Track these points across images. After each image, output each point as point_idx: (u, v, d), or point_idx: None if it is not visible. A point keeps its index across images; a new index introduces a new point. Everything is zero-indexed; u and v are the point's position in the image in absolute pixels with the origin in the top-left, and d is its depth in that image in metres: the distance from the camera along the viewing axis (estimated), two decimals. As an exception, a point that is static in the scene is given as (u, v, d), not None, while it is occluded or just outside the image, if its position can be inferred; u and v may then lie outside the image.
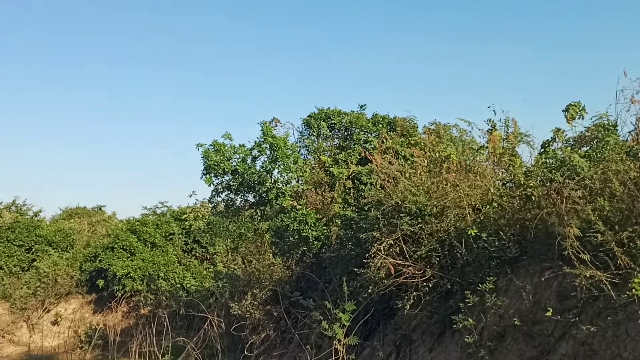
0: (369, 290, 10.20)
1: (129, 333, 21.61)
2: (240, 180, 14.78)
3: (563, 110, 10.33)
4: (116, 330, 20.86)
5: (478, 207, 9.96)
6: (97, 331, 22.15)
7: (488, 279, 8.15)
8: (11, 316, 24.08)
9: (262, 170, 14.79)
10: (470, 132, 13.06)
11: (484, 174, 10.78)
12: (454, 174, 10.49)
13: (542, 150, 10.36)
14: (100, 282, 24.06)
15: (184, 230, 27.40)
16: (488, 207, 9.62)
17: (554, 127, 10.31)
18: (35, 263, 25.43)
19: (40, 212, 29.31)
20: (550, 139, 10.26)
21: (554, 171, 8.70)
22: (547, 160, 9.70)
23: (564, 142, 10.16)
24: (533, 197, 8.89)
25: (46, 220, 29.45)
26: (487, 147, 11.46)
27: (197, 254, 27.32)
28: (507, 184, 10.42)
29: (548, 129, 11.63)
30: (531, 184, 9.06)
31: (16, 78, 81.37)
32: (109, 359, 19.69)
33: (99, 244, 26.18)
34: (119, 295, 23.28)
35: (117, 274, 23.03)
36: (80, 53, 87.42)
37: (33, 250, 25.93)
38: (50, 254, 25.92)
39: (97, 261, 24.48)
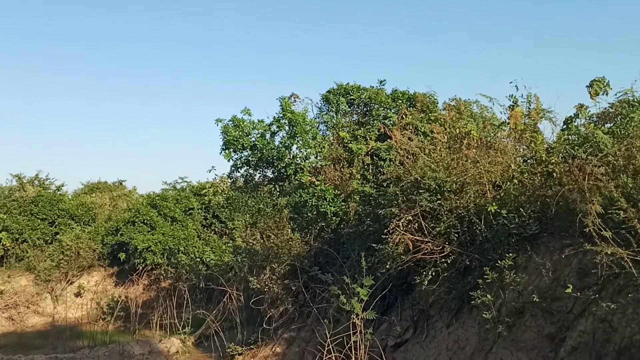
0: (387, 266, 10.23)
1: (150, 305, 22.02)
2: (259, 155, 14.81)
3: (587, 86, 10.13)
4: (137, 303, 21.23)
5: (498, 183, 9.89)
6: (119, 303, 22.56)
7: (507, 255, 8.12)
8: (35, 288, 24.63)
9: (280, 145, 14.80)
10: (491, 108, 12.93)
11: (504, 150, 10.67)
12: (474, 150, 10.40)
13: (565, 126, 10.20)
14: (122, 256, 24.45)
15: (203, 206, 27.65)
16: (508, 183, 9.55)
17: (577, 103, 10.14)
18: (58, 236, 25.89)
19: (63, 186, 29.76)
20: (573, 115, 10.10)
21: (576, 147, 8.59)
22: (570, 136, 9.57)
23: (587, 118, 9.99)
24: (555, 174, 8.80)
25: (68, 195, 29.90)
26: (508, 124, 11.32)
27: (216, 229, 27.59)
28: (528, 161, 10.32)
29: (571, 105, 11.46)
30: (553, 161, 8.96)
31: (41, 56, 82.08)
32: (130, 330, 20.07)
33: (120, 218, 26.54)
34: (140, 268, 23.66)
35: (138, 247, 23.39)
36: (107, 31, 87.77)
37: (56, 223, 26.38)
38: (72, 228, 26.36)
39: (118, 235, 24.86)
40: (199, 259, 24.64)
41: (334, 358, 9.56)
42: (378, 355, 9.32)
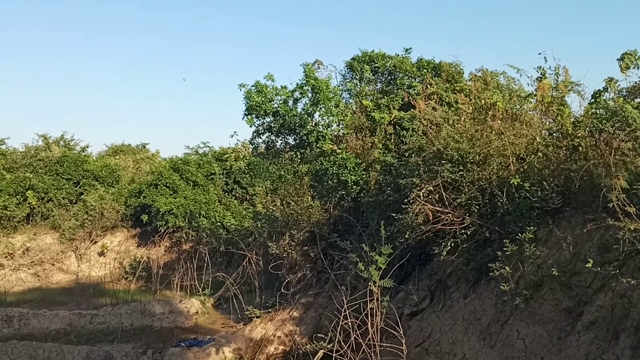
0: (406, 236, 10.26)
1: (171, 267, 22.44)
2: (281, 122, 14.79)
3: (618, 59, 9.87)
4: (159, 264, 21.63)
5: (522, 156, 9.79)
6: (141, 264, 23.01)
7: (528, 228, 8.08)
8: (60, 246, 25.21)
9: (303, 112, 14.76)
10: (518, 80, 12.69)
11: (530, 122, 10.54)
12: (499, 122, 10.28)
13: (593, 100, 9.99)
14: (145, 217, 24.85)
15: (224, 171, 27.83)
16: (533, 156, 9.45)
17: (607, 76, 9.91)
18: (82, 196, 26.34)
19: (87, 147, 30.13)
20: (602, 89, 9.87)
21: (604, 122, 8.43)
22: (598, 110, 9.38)
23: (617, 92, 9.77)
24: (580, 148, 8.68)
25: (93, 156, 30.28)
26: (535, 96, 11.14)
27: (237, 195, 27.82)
28: (554, 134, 10.18)
29: (600, 78, 11.20)
30: (579, 134, 8.83)
31: (68, 18, 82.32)
32: (152, 290, 20.51)
33: (143, 180, 26.88)
34: (162, 230, 24.04)
35: (161, 210, 23.72)
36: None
37: (80, 184, 26.82)
38: (96, 188, 26.78)
39: (141, 197, 25.21)
40: (219, 224, 24.95)
41: (350, 323, 9.68)
42: (394, 323, 9.41)
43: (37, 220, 25.69)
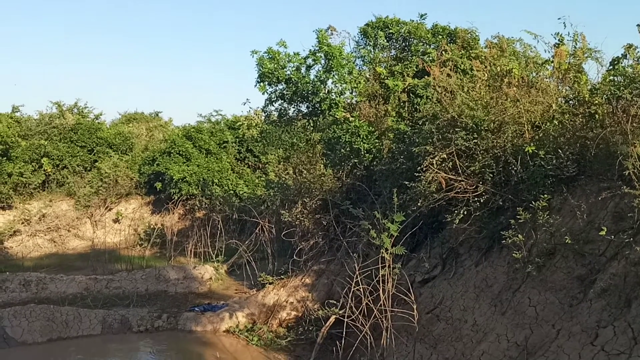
0: (418, 204, 10.26)
1: (184, 234, 22.70)
2: (293, 89, 14.68)
3: (638, 25, 9.63)
4: (173, 231, 21.89)
5: (538, 124, 9.68)
6: (155, 230, 23.31)
7: (542, 196, 8.04)
8: (76, 212, 25.54)
9: (316, 80, 14.62)
10: (535, 47, 12.46)
11: (546, 90, 10.38)
12: (514, 89, 10.13)
13: (611, 67, 9.79)
14: (158, 185, 25.03)
15: (237, 139, 27.86)
16: (548, 124, 9.34)
17: (626, 43, 9.67)
18: (97, 164, 26.55)
19: (101, 115, 30.20)
20: (620, 56, 9.65)
21: (622, 89, 8.27)
22: (616, 77, 9.19)
23: (636, 59, 9.56)
24: (597, 115, 8.56)
25: (106, 124, 30.39)
26: (552, 62, 10.94)
27: (250, 163, 27.89)
28: (570, 102, 10.02)
29: (619, 45, 10.95)
30: (596, 102, 8.69)
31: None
32: (166, 257, 20.79)
33: (157, 148, 26.99)
34: (176, 198, 24.24)
35: (174, 177, 23.87)
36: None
37: (95, 151, 26.99)
38: (110, 156, 26.96)
39: (154, 165, 25.35)
40: (232, 192, 25.08)
41: (362, 290, 9.77)
42: (405, 290, 9.49)
43: (52, 187, 25.99)
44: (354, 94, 15.03)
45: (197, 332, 13.80)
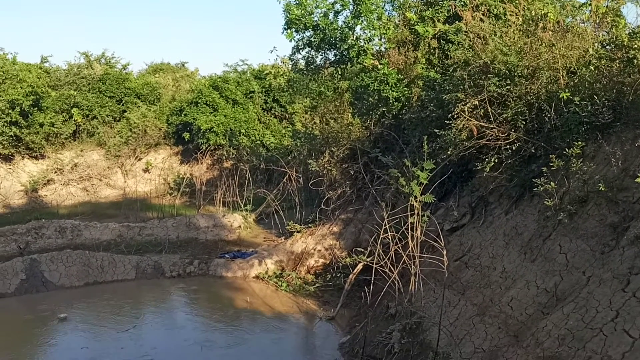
0: (448, 152, 10.18)
1: (213, 184, 23.02)
2: (321, 36, 14.43)
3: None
4: (202, 180, 22.20)
5: (573, 69, 9.41)
6: (185, 180, 23.65)
7: (576, 143, 7.88)
8: (107, 162, 26.03)
9: (344, 26, 14.32)
10: (572, -12, 11.98)
11: (583, 34, 10.04)
12: (549, 34, 9.82)
13: (653, 9, 9.40)
14: (186, 135, 25.25)
15: (263, 89, 27.76)
16: (584, 70, 9.06)
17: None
18: (125, 114, 26.83)
19: (128, 65, 30.26)
20: (663, -2, 9.26)
21: (663, 32, 7.96)
22: (658, 20, 8.83)
23: (679, 1, 9.16)
24: (635, 61, 8.27)
25: (133, 74, 30.46)
26: (589, 6, 10.56)
27: (276, 113, 27.86)
28: (608, 46, 9.67)
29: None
30: (635, 46, 8.37)
31: None
32: (195, 205, 21.15)
33: (184, 98, 27.07)
34: (204, 148, 24.45)
35: (202, 128, 24.02)
36: None
37: (123, 101, 27.21)
38: (139, 106, 27.17)
39: (182, 115, 25.51)
40: (259, 142, 25.19)
41: (390, 237, 9.84)
42: (433, 238, 9.53)
43: (83, 137, 26.43)
44: (382, 40, 14.73)
45: (227, 278, 14.17)
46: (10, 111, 22.87)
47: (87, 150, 26.03)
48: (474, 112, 9.64)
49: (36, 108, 24.26)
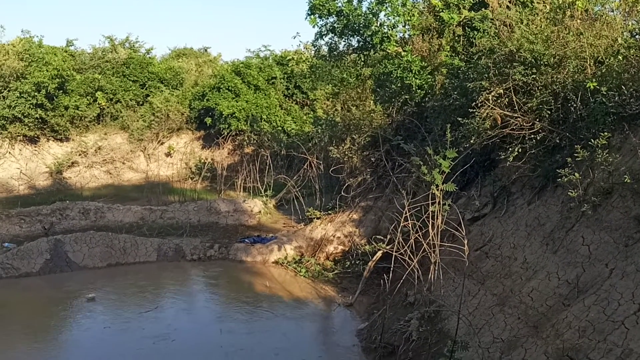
0: (471, 141, 10.09)
1: (234, 169, 23.14)
2: (345, 22, 14.34)
3: None
4: (223, 165, 22.33)
5: (601, 59, 9.24)
6: (206, 165, 23.83)
7: (602, 134, 7.76)
8: (130, 145, 26.32)
9: (368, 12, 14.21)
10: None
11: (611, 23, 9.86)
12: (577, 22, 9.65)
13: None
14: (208, 120, 25.39)
15: (285, 75, 27.75)
16: (612, 59, 8.89)
17: None
18: (149, 98, 27.03)
19: (152, 49, 30.38)
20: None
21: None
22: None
23: None
24: (666, 50, 8.10)
25: (157, 59, 30.62)
26: (620, -7, 10.35)
27: (298, 100, 27.85)
28: (637, 36, 9.50)
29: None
30: (666, 36, 8.20)
31: None
32: (216, 190, 21.31)
33: (206, 83, 27.18)
34: (225, 133, 24.59)
35: (223, 113, 24.14)
36: None
37: (146, 86, 27.41)
38: (162, 91, 27.35)
39: (204, 100, 25.64)
40: (280, 128, 25.24)
41: (410, 225, 9.83)
42: (454, 227, 9.48)
43: (107, 120, 26.71)
44: (407, 27, 14.60)
45: (247, 262, 14.30)
46: (36, 93, 23.22)
47: (110, 133, 26.33)
48: (498, 101, 9.54)
49: (61, 91, 24.58)
